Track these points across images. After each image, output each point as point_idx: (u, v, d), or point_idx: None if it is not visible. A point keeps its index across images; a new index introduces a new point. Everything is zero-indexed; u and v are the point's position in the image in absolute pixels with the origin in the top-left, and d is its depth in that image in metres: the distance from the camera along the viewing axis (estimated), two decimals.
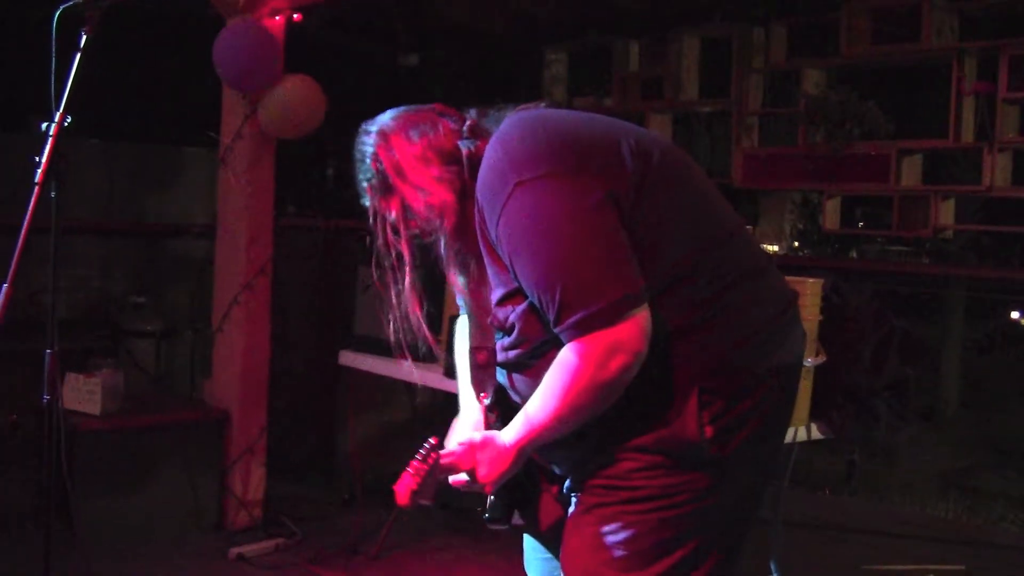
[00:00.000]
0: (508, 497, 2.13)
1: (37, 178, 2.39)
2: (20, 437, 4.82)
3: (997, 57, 5.81)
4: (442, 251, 2.08)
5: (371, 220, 2.08)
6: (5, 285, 2.33)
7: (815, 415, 3.78)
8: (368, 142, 2.07)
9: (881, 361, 3.95)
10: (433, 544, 4.80)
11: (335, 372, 4.96)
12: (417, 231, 2.06)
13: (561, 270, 1.84)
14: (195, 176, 6.90)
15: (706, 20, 6.73)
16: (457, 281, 2.13)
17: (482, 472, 2.03)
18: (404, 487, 2.05)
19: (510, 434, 2.01)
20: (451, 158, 2.03)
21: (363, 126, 2.10)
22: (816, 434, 3.82)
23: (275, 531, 4.79)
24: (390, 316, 2.12)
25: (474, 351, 2.18)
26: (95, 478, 4.53)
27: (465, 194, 2.01)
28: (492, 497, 2.13)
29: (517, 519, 2.21)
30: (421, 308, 2.11)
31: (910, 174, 6.05)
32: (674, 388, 1.92)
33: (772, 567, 4.06)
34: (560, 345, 1.90)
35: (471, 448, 2.03)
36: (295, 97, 4.67)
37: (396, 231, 2.05)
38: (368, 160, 2.06)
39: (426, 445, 2.08)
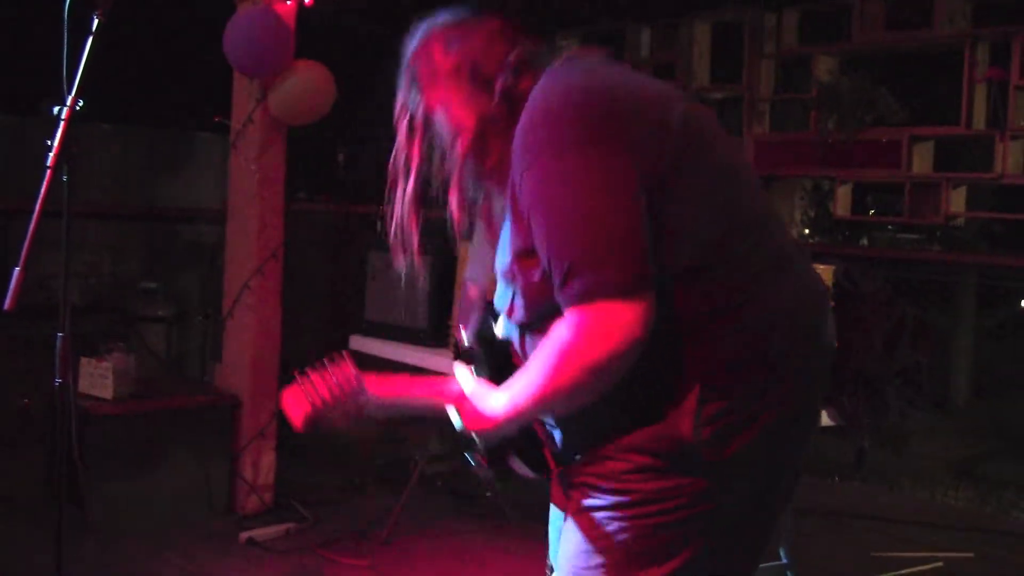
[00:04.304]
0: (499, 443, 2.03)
1: (49, 162, 2.39)
2: (32, 421, 4.85)
3: (1010, 43, 5.79)
4: (448, 172, 1.99)
5: (395, 115, 2.03)
6: (17, 269, 2.33)
7: (826, 402, 3.78)
8: (413, 40, 2.00)
9: (892, 348, 3.94)
10: (444, 528, 4.82)
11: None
12: (435, 143, 1.99)
13: (577, 236, 1.75)
14: (206, 161, 6.90)
15: (718, 5, 6.70)
16: (456, 207, 2.02)
17: (464, 422, 1.96)
18: (299, 406, 1.99)
19: (496, 402, 1.92)
20: (485, 83, 1.94)
21: (417, 20, 2.02)
22: (827, 421, 3.82)
23: (286, 515, 4.81)
24: (392, 218, 2.03)
25: (468, 281, 2.09)
26: (106, 462, 4.55)
27: (492, 122, 1.93)
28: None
29: (516, 466, 2.11)
30: (417, 219, 2.02)
31: (921, 161, 6.04)
32: (675, 383, 1.84)
33: (781, 554, 4.07)
34: None
35: (460, 396, 1.97)
36: (306, 84, 4.67)
37: (412, 133, 2.00)
38: (407, 58, 2.01)
39: (333, 363, 2.01)
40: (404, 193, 2.01)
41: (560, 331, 1.78)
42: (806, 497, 5.06)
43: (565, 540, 2.01)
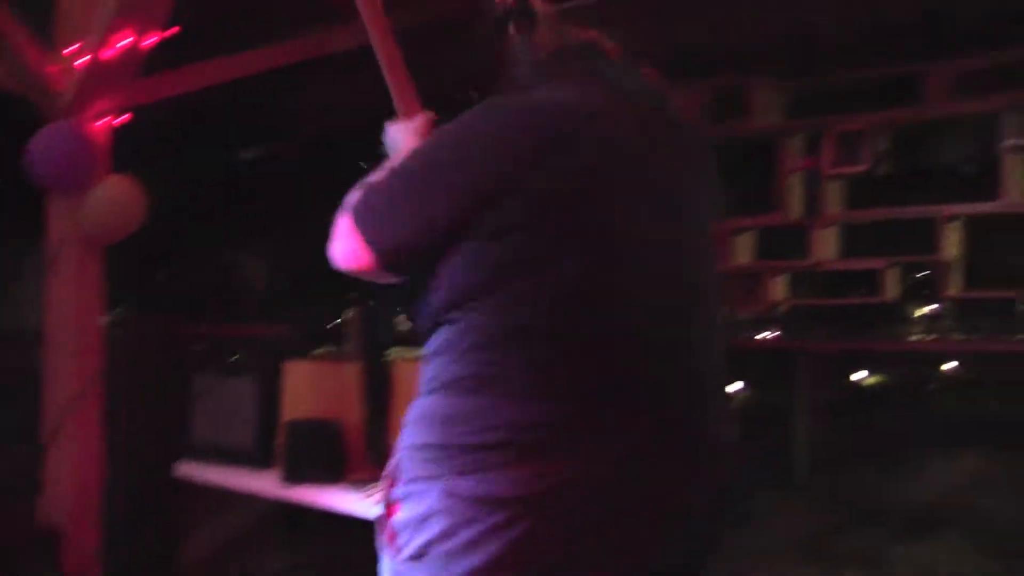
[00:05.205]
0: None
1: None
2: None
3: (821, 135, 6.03)
4: None
5: None
6: None
7: None
8: None
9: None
10: None
11: (172, 482, 4.81)
12: None
13: (390, 180, 1.94)
14: (26, 282, 6.69)
15: None
16: None
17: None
18: None
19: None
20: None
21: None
22: None
23: None
24: None
25: None
26: None
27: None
28: None
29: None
30: None
31: (744, 251, 6.21)
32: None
33: None
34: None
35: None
36: (115, 199, 4.58)
37: None
38: None
39: None
40: None
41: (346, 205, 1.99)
42: None
43: None
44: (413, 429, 1.87)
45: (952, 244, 6.06)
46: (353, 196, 1.99)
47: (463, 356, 1.82)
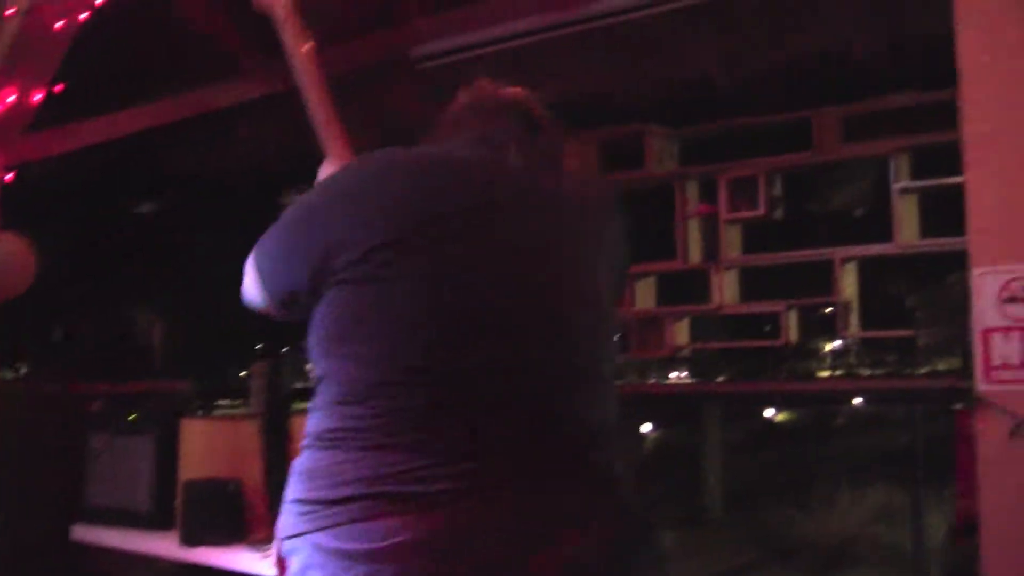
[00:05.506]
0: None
1: None
2: None
3: (716, 181, 6.13)
4: None
5: None
6: None
7: None
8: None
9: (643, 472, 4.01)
10: None
11: (69, 547, 4.69)
12: None
13: (277, 231, 1.97)
14: None
15: None
16: None
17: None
18: None
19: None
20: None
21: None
22: None
23: None
24: None
25: None
26: None
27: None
28: None
29: None
30: None
31: (645, 296, 6.27)
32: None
33: None
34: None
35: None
36: (2, 257, 4.50)
37: None
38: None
39: None
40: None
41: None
42: None
43: None
44: (291, 484, 1.86)
45: (848, 285, 6.18)
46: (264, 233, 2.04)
47: (332, 410, 1.83)
